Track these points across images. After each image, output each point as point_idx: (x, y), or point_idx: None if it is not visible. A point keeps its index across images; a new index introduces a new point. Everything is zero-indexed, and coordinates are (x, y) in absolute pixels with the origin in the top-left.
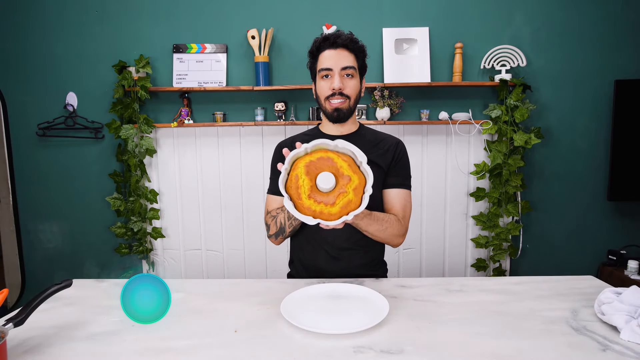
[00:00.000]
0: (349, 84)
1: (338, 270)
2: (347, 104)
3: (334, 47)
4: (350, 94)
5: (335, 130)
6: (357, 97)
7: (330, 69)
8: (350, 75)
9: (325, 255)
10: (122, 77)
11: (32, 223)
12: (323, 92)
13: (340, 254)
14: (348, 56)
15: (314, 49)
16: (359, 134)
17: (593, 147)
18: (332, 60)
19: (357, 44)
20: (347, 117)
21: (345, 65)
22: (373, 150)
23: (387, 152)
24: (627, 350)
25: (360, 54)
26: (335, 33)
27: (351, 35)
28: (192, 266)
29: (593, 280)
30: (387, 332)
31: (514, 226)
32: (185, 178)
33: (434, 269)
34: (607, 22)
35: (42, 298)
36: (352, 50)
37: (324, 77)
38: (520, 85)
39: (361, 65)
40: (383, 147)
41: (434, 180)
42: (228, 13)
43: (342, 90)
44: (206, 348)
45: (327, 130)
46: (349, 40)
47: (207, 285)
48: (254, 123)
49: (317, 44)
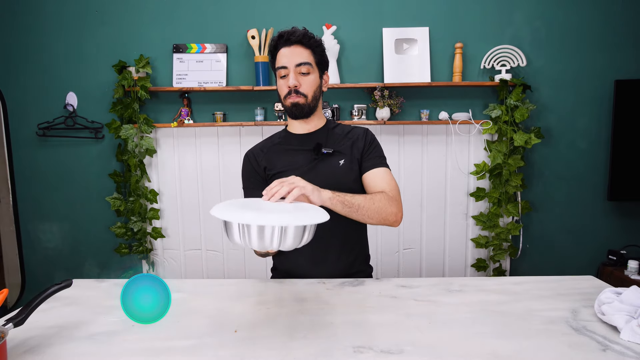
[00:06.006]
0: (305, 81)
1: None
2: (305, 100)
3: (288, 45)
4: (306, 91)
5: (301, 128)
6: (315, 92)
7: (286, 67)
8: (306, 72)
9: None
10: (122, 77)
11: (32, 223)
12: (281, 90)
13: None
14: (303, 52)
15: (271, 48)
16: (327, 129)
17: (593, 147)
18: (287, 58)
19: (312, 38)
20: (309, 114)
21: (299, 61)
22: (343, 141)
23: (357, 140)
24: (627, 350)
25: (317, 49)
26: (290, 30)
27: (305, 30)
28: (192, 266)
29: (593, 280)
30: (387, 332)
31: (514, 226)
32: (185, 178)
33: (434, 269)
34: (607, 22)
35: (42, 298)
36: (307, 45)
37: (282, 76)
38: (520, 85)
39: (319, 61)
40: (352, 136)
41: (434, 180)
42: (228, 13)
43: (297, 88)
44: (206, 348)
45: (295, 130)
46: (302, 35)
47: (207, 285)
48: (254, 123)
49: (274, 42)
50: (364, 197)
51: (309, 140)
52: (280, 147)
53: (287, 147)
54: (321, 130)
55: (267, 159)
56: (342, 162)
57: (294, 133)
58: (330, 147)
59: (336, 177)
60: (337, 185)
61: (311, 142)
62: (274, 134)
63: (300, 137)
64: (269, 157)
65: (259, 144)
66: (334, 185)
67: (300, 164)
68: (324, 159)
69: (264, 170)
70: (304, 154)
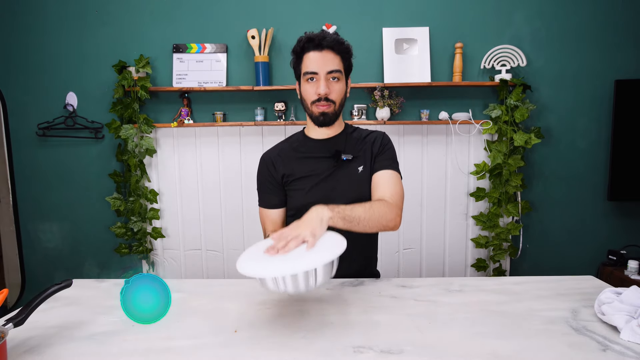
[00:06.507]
0: (335, 88)
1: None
2: (333, 108)
3: (319, 49)
4: (335, 98)
5: (321, 133)
6: (342, 99)
7: (316, 73)
8: (336, 79)
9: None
10: (122, 77)
11: (32, 223)
12: (309, 96)
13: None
14: (334, 58)
15: (298, 49)
16: (345, 134)
17: (593, 147)
18: (318, 64)
19: (343, 45)
20: (334, 121)
21: (331, 69)
22: (361, 146)
23: (374, 143)
24: (627, 350)
25: (346, 55)
26: (321, 34)
27: (337, 36)
28: (192, 266)
29: (593, 280)
30: (387, 332)
31: (514, 226)
32: (185, 178)
33: (434, 269)
34: (607, 22)
35: (42, 298)
36: (338, 52)
37: (309, 79)
38: (520, 85)
39: (347, 67)
40: (369, 140)
41: (434, 180)
42: (228, 13)
43: (327, 96)
44: (206, 348)
45: (314, 134)
46: (335, 42)
47: (207, 285)
48: (254, 123)
49: (302, 44)
50: (363, 207)
51: (328, 145)
52: (298, 153)
53: (305, 153)
54: (340, 135)
55: (285, 165)
56: (361, 168)
57: (312, 138)
58: (349, 152)
59: (356, 183)
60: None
61: (330, 147)
62: (291, 137)
63: (319, 143)
64: (287, 164)
65: (276, 147)
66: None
67: (320, 171)
68: (343, 165)
69: (282, 177)
70: (324, 161)
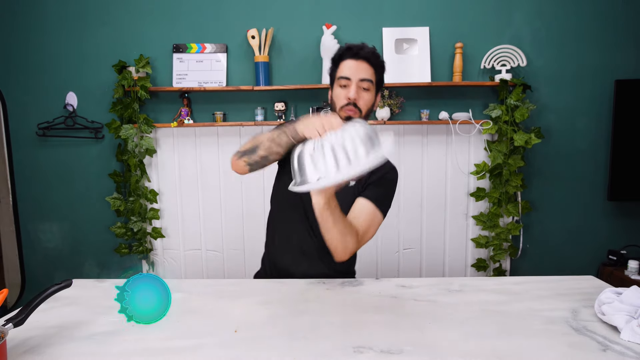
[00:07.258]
0: (364, 96)
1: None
2: (359, 115)
3: (355, 58)
4: (362, 106)
5: None
6: (369, 110)
7: (349, 78)
8: (367, 88)
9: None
10: (122, 77)
11: (32, 223)
12: (339, 100)
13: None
14: (368, 68)
15: (336, 57)
16: None
17: (593, 147)
18: (352, 70)
19: (379, 59)
20: None
21: (363, 77)
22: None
23: (378, 170)
24: (627, 350)
25: (380, 69)
26: (359, 45)
27: (374, 49)
28: (192, 266)
29: (593, 280)
30: (387, 332)
31: (514, 226)
32: (185, 178)
33: (434, 269)
34: (607, 21)
35: (42, 298)
36: (373, 63)
37: (342, 85)
38: (521, 85)
39: (378, 80)
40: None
41: (434, 180)
42: (228, 13)
43: (355, 102)
44: (206, 348)
45: None
46: (371, 54)
47: (207, 285)
48: (254, 123)
49: (340, 52)
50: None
51: None
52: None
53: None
54: None
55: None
56: (353, 182)
57: None
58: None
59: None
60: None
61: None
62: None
63: None
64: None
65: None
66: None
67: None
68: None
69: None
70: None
